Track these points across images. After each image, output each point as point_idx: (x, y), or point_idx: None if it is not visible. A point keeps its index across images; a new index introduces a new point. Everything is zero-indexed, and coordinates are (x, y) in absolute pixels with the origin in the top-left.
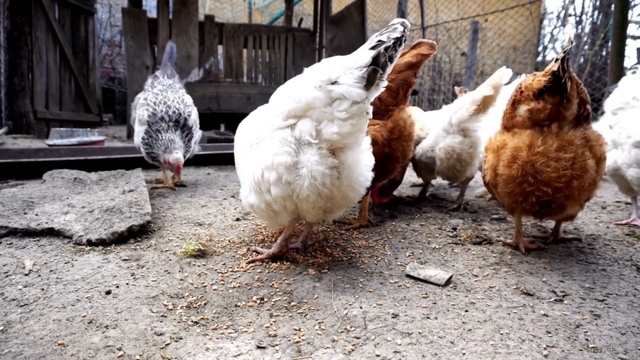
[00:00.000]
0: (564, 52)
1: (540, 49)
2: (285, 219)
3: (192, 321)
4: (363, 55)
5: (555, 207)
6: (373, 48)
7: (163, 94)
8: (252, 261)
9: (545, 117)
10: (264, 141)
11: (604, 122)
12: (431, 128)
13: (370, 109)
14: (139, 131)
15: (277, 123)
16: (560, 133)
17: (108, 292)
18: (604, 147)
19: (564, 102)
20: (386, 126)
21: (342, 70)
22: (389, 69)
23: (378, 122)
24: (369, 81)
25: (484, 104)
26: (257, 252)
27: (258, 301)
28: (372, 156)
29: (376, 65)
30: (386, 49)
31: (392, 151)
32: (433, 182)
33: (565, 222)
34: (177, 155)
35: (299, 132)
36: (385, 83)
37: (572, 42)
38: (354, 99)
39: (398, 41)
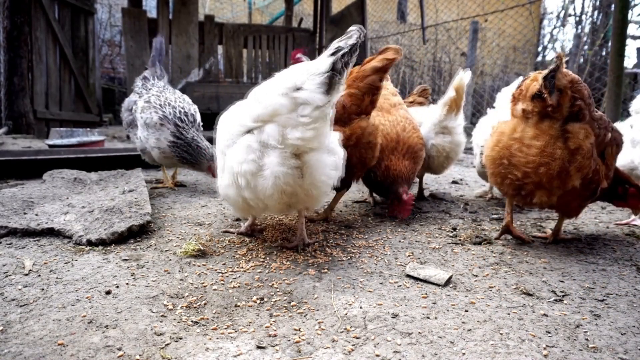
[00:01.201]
0: (549, 72)
1: (540, 49)
2: (257, 212)
3: (192, 321)
4: (323, 62)
5: (526, 194)
6: (332, 55)
7: (164, 94)
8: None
9: (536, 115)
10: (235, 144)
11: (628, 122)
12: (421, 125)
13: (332, 112)
14: (148, 135)
15: (247, 124)
16: (539, 124)
17: (108, 292)
18: (584, 140)
19: (551, 107)
20: (344, 133)
21: (306, 77)
22: (346, 73)
23: (337, 128)
24: (330, 86)
25: (454, 104)
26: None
27: (258, 301)
28: (340, 157)
29: (334, 71)
30: (343, 55)
31: (348, 158)
32: (434, 183)
33: (567, 218)
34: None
35: (265, 136)
36: (343, 86)
37: (559, 59)
38: (317, 103)
39: (354, 47)
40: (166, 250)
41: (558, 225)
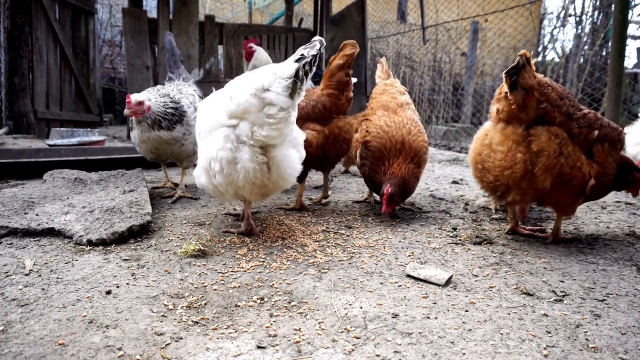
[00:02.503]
0: (510, 68)
1: (540, 49)
2: (229, 198)
3: (192, 321)
4: (289, 67)
5: (500, 195)
6: (297, 61)
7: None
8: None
9: (505, 117)
10: (212, 134)
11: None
12: None
13: (294, 114)
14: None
15: (223, 120)
16: (504, 130)
17: (108, 292)
18: (548, 142)
19: (515, 106)
20: (324, 133)
21: (273, 79)
22: (307, 81)
23: (318, 128)
24: (293, 90)
25: None
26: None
27: (258, 301)
28: (303, 150)
29: (297, 78)
30: (304, 64)
31: (326, 153)
32: (434, 183)
33: (564, 218)
34: None
35: (239, 132)
36: (304, 92)
37: (522, 57)
38: (282, 105)
39: (314, 58)
40: (166, 250)
41: (557, 224)
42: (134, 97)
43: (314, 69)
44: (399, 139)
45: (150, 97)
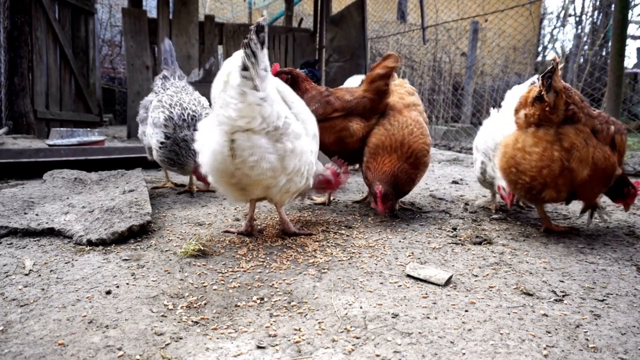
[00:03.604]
0: (547, 72)
1: (540, 49)
2: (220, 191)
3: (192, 321)
4: (239, 58)
5: (536, 193)
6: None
7: (178, 95)
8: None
9: (536, 120)
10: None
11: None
12: None
13: (262, 103)
14: (154, 133)
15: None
16: (536, 132)
17: (108, 292)
18: (576, 137)
19: (548, 107)
20: (366, 127)
21: (234, 65)
22: (255, 69)
23: (361, 123)
24: (244, 76)
25: None
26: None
27: (258, 301)
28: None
29: (244, 66)
30: (245, 53)
31: (364, 145)
32: (434, 183)
33: (588, 206)
34: None
35: (214, 114)
36: (260, 76)
37: (554, 62)
38: (236, 83)
39: (251, 43)
40: (166, 250)
41: (584, 209)
42: None
43: (259, 53)
44: (399, 138)
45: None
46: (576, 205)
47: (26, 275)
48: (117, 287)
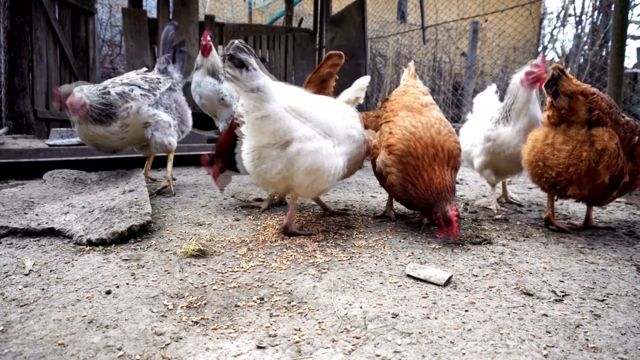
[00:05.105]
0: (547, 81)
1: (540, 49)
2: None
3: (192, 321)
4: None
5: (560, 189)
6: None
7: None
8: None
9: (556, 121)
10: None
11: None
12: None
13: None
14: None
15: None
16: (567, 131)
17: (108, 292)
18: (609, 141)
19: (564, 110)
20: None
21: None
22: (241, 72)
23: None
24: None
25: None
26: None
27: (258, 301)
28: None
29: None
30: (229, 58)
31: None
32: None
33: (597, 207)
34: None
35: None
36: (239, 82)
37: (554, 69)
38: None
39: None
40: (166, 250)
41: (588, 213)
42: None
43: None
44: (428, 141)
45: None
46: (576, 206)
47: (26, 275)
48: (117, 287)
